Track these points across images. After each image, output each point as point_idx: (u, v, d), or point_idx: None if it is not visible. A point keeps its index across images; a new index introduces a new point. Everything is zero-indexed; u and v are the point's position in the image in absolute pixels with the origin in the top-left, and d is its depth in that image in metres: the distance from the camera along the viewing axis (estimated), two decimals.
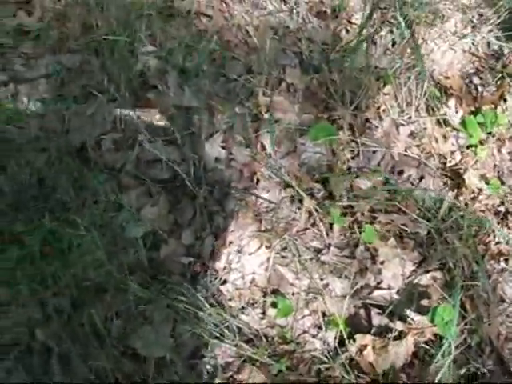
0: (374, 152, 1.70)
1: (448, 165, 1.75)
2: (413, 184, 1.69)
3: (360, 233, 1.60)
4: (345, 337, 1.47)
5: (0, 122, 1.69)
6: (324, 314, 1.53)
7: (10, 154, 1.65)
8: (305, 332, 1.52)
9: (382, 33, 1.87)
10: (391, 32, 1.89)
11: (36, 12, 1.87)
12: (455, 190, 1.71)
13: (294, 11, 1.91)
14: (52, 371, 1.44)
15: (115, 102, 1.69)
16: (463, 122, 1.79)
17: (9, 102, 1.71)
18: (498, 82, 1.91)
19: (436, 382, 1.42)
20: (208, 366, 1.46)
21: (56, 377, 1.43)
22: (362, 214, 1.61)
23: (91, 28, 1.83)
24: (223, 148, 1.65)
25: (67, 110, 1.71)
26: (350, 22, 1.93)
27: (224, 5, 1.91)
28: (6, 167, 1.61)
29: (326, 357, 1.48)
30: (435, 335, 1.51)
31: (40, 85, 1.76)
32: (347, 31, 1.91)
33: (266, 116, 1.70)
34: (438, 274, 1.60)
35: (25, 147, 1.66)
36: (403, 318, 1.51)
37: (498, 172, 1.78)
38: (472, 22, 2.04)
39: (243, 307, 1.52)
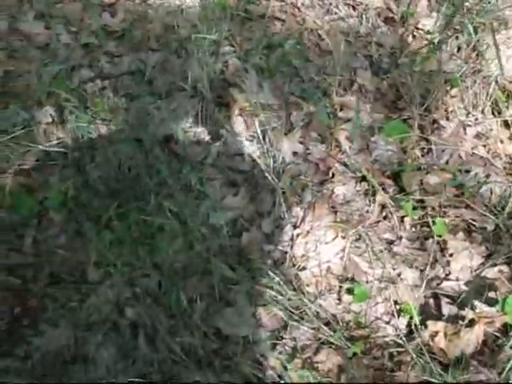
0: (443, 151, 1.86)
1: None
2: (479, 182, 1.84)
3: (430, 226, 1.75)
4: (417, 323, 1.61)
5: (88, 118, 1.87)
6: (396, 302, 1.68)
7: (98, 145, 1.83)
8: (378, 318, 1.67)
9: (449, 39, 2.03)
10: (457, 38, 2.06)
11: (119, 13, 2.07)
12: None
13: (364, 17, 2.08)
14: (139, 346, 1.59)
15: (197, 97, 1.87)
16: None
17: (97, 97, 1.90)
18: None
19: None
20: (287, 348, 1.61)
21: (143, 351, 1.58)
22: (433, 208, 1.77)
23: (172, 28, 2.01)
24: (301, 143, 1.82)
25: (151, 105, 1.88)
26: (416, 28, 2.10)
27: (296, 10, 2.09)
28: (95, 157, 1.79)
29: (399, 342, 1.62)
30: (504, 325, 1.65)
31: (124, 81, 1.94)
32: (414, 37, 2.08)
33: (341, 114, 1.86)
34: (505, 268, 1.74)
35: (112, 139, 1.84)
36: (472, 308, 1.65)
37: None
38: None
39: (320, 293, 1.67)
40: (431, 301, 1.68)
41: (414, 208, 1.74)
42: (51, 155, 1.82)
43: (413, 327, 1.58)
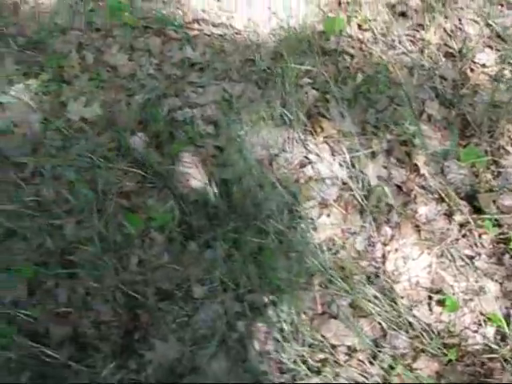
0: None
1: None
2: None
3: (506, 242, 2.02)
4: (506, 331, 1.86)
5: (181, 142, 2.11)
6: (481, 313, 1.93)
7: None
8: (466, 328, 1.91)
9: (505, 72, 2.35)
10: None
11: (199, 47, 2.32)
12: None
13: (425, 51, 2.39)
14: (249, 358, 1.81)
15: (284, 125, 2.12)
16: None
17: (187, 124, 2.14)
18: None
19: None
20: (387, 355, 1.84)
21: (253, 363, 1.79)
22: (508, 226, 2.04)
23: (251, 61, 2.28)
24: (384, 168, 2.08)
25: (239, 132, 2.13)
26: (473, 62, 2.41)
27: (363, 45, 2.38)
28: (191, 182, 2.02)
29: (488, 350, 1.86)
30: None
31: (211, 109, 2.19)
32: (472, 70, 2.39)
33: (416, 141, 2.14)
34: None
35: (206, 162, 2.08)
36: None
37: None
38: None
39: (413, 304, 1.91)
40: None
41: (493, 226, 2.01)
42: (149, 178, 2.02)
43: (501, 335, 1.81)
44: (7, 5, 2.36)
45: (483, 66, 2.35)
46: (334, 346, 1.80)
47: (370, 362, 1.77)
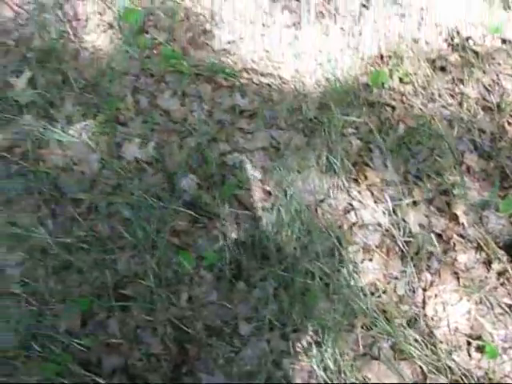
0: None
1: None
2: None
3: None
4: None
5: (231, 185, 2.26)
6: None
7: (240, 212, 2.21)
8: (506, 376, 2.01)
9: None
10: None
11: (248, 95, 2.49)
12: None
13: (464, 105, 2.54)
14: None
15: (329, 172, 2.27)
16: None
17: (236, 168, 2.30)
18: None
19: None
20: None
21: None
22: None
23: (298, 109, 2.44)
24: (425, 216, 2.22)
25: (286, 177, 2.28)
26: (511, 116, 2.56)
27: (404, 97, 2.54)
28: (240, 224, 2.17)
29: None
30: None
31: (259, 155, 2.35)
32: (509, 123, 2.54)
33: (455, 192, 2.27)
34: None
35: (254, 207, 2.22)
36: None
37: None
38: None
39: (452, 349, 2.02)
40: None
41: None
42: (200, 219, 2.17)
43: None
44: (69, 51, 2.55)
45: None
46: None
47: None
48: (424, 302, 2.05)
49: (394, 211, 2.17)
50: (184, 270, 2.03)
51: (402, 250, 2.11)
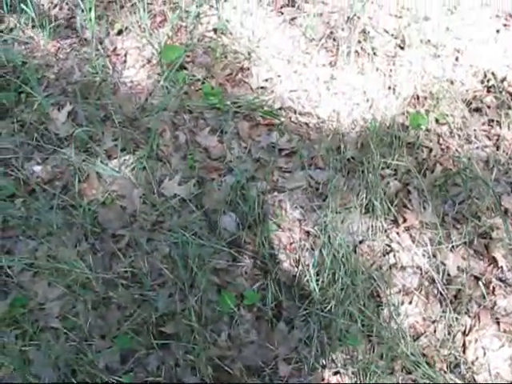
0: None
1: None
2: None
3: None
4: None
5: (271, 225, 2.29)
6: None
7: (281, 252, 2.24)
8: None
9: None
10: None
11: (286, 134, 2.54)
12: None
13: (502, 146, 2.58)
14: None
15: (368, 214, 2.31)
16: None
17: (276, 208, 2.33)
18: None
19: None
20: None
21: None
22: None
23: (336, 149, 2.49)
24: (463, 259, 2.24)
25: (325, 218, 2.31)
26: None
27: (440, 139, 2.58)
28: (280, 263, 2.20)
29: None
30: None
31: (298, 195, 2.38)
32: None
33: (494, 235, 2.30)
34: None
35: (294, 246, 2.26)
36: None
37: None
38: None
39: None
40: None
41: None
42: (238, 258, 2.20)
43: None
44: (108, 85, 2.61)
45: None
46: None
47: None
48: (464, 346, 2.06)
49: (432, 253, 2.19)
50: (224, 308, 2.05)
51: (441, 293, 2.14)
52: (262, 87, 2.65)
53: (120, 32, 2.79)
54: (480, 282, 2.20)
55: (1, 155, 2.40)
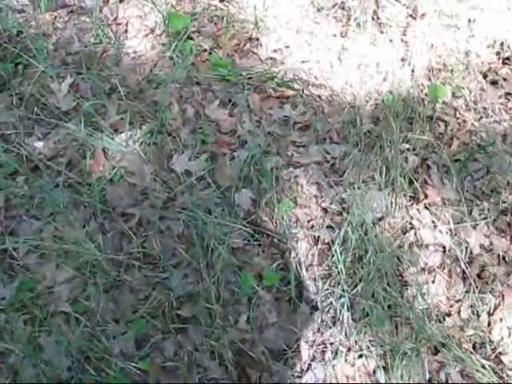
0: None
1: None
2: None
3: None
4: None
5: (287, 202, 2.18)
6: None
7: (298, 229, 2.12)
8: None
9: None
10: None
11: (299, 106, 2.42)
12: None
13: None
14: None
15: (387, 189, 2.19)
16: None
17: (292, 184, 2.21)
18: None
19: None
20: None
21: None
22: None
23: (351, 123, 2.37)
24: (486, 236, 2.15)
25: (343, 194, 2.20)
26: None
27: (457, 112, 2.47)
28: (299, 241, 2.09)
29: None
30: None
31: (313, 170, 2.26)
32: None
33: None
34: None
35: (312, 223, 2.14)
36: None
37: None
38: None
39: None
40: None
41: None
42: (256, 237, 2.08)
43: None
44: (110, 56, 2.44)
45: None
46: None
47: None
48: (489, 326, 1.97)
49: (454, 231, 2.08)
50: (244, 290, 1.93)
51: (464, 272, 2.04)
52: (271, 58, 2.53)
53: (121, 0, 2.61)
54: (503, 261, 2.08)
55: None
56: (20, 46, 2.44)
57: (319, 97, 2.42)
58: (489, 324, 2.00)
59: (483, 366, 1.90)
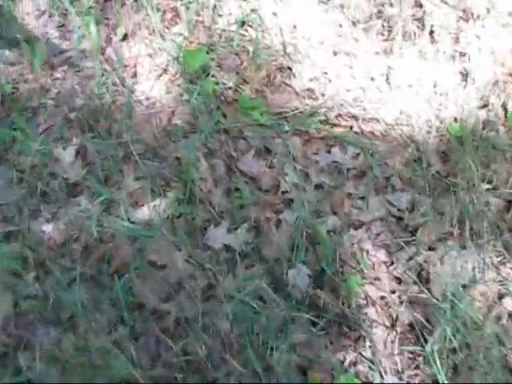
0: None
1: None
2: None
3: None
4: None
5: (353, 276, 1.67)
6: None
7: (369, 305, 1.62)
8: None
9: None
10: None
11: (349, 148, 1.90)
12: None
13: None
14: None
15: (472, 248, 1.68)
16: None
17: (355, 250, 1.71)
18: None
19: None
20: None
21: None
22: None
23: (417, 166, 1.85)
24: None
25: (417, 257, 1.69)
26: None
27: None
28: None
29: None
30: None
31: (377, 228, 1.75)
32: None
33: None
34: None
35: (386, 299, 1.64)
36: None
37: None
38: None
39: None
40: None
41: None
42: (319, 324, 1.59)
43: None
44: (119, 107, 1.94)
45: None
46: None
47: None
48: None
49: None
50: None
51: None
52: (308, 89, 2.02)
53: (125, 37, 2.09)
54: None
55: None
56: (16, 106, 1.93)
57: (371, 133, 1.92)
58: None
59: None
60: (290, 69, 2.10)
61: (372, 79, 2.06)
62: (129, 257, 1.69)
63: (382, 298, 1.67)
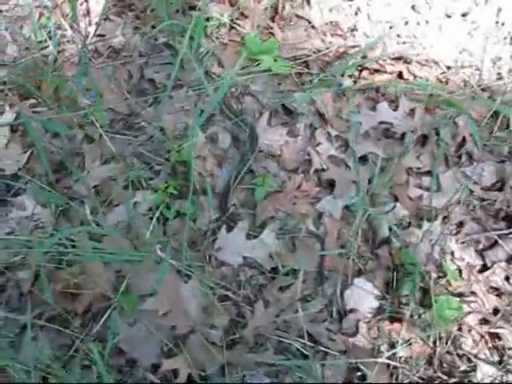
0: None
1: None
2: None
3: None
4: None
5: None
6: None
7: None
8: None
9: None
10: None
11: (403, 101, 1.18)
12: None
13: None
14: None
15: None
16: None
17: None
18: None
19: None
20: None
21: None
22: None
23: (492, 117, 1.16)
24: None
25: None
26: None
27: None
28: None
29: None
30: None
31: (456, 217, 1.07)
32: None
33: None
34: None
35: None
36: None
37: None
38: None
39: None
40: None
41: None
42: None
43: None
44: (68, 60, 1.17)
45: None
46: None
47: None
48: None
49: None
50: None
51: None
52: (330, 23, 1.29)
53: None
54: None
55: None
56: None
57: (428, 80, 1.17)
58: None
59: None
60: None
61: (409, 7, 1.31)
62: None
63: (482, 321, 0.98)
